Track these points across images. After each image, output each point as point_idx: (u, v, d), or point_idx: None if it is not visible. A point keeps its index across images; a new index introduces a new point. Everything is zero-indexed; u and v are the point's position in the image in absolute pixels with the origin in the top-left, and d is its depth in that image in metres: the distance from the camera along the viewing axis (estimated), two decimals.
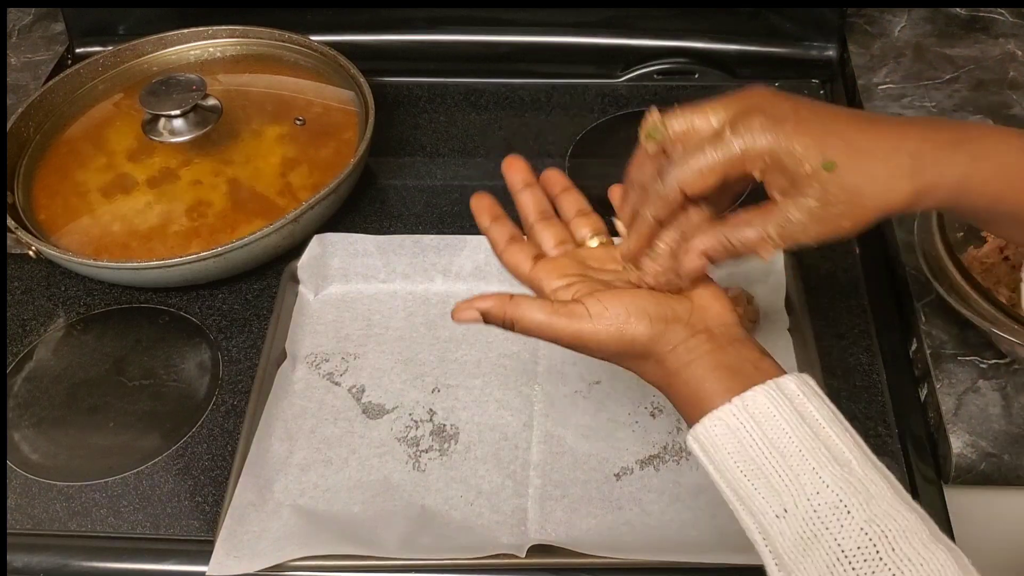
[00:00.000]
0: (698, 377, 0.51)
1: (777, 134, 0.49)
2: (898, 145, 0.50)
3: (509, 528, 0.66)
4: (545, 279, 0.57)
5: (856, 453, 0.48)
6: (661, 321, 0.53)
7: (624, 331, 0.52)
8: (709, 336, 0.53)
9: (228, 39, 1.01)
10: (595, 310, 0.53)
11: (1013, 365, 0.73)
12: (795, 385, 0.50)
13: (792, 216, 0.50)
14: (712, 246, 0.52)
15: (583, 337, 0.53)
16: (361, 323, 0.80)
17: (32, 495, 0.70)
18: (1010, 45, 1.02)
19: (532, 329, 0.54)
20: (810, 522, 0.46)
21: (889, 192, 0.49)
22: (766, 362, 0.52)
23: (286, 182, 0.87)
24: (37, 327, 0.82)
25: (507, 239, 0.60)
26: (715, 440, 0.49)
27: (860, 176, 0.49)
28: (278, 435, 0.72)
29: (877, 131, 0.50)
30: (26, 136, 0.92)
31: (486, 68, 1.04)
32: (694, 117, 0.52)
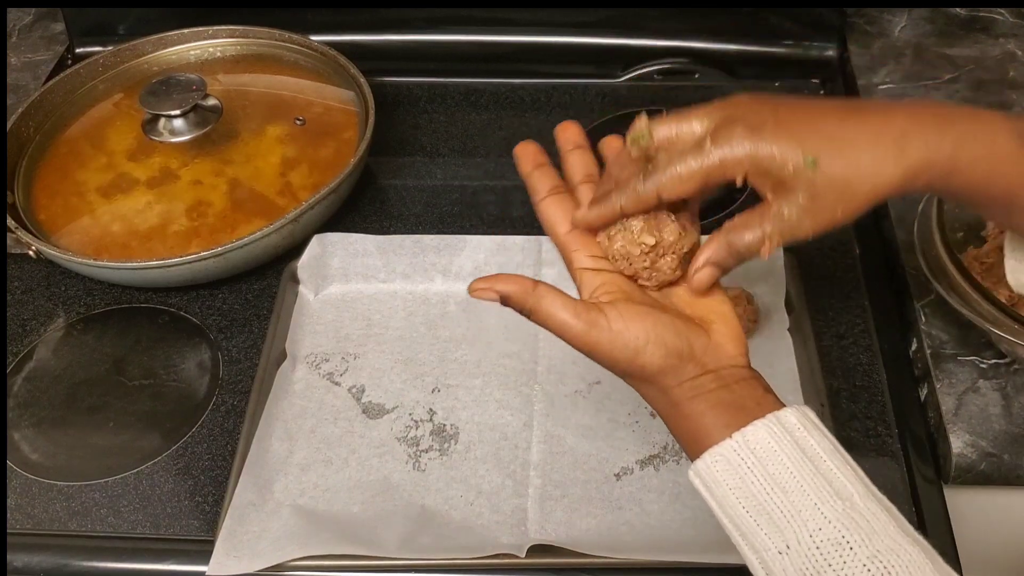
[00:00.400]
0: (699, 412, 0.51)
1: (756, 141, 0.50)
2: (881, 130, 0.50)
3: (509, 528, 0.66)
4: (577, 251, 0.56)
5: (858, 487, 0.47)
6: (676, 356, 0.52)
7: (638, 356, 0.52)
8: (716, 376, 0.52)
9: (228, 39, 1.01)
10: (616, 326, 0.52)
11: (1013, 365, 0.73)
12: (795, 419, 0.49)
13: (785, 213, 0.51)
14: (716, 253, 0.53)
15: (597, 348, 0.52)
16: (361, 323, 0.80)
17: (32, 495, 0.70)
18: (1010, 45, 1.02)
19: (549, 324, 0.53)
20: (812, 559, 0.46)
21: (876, 178, 0.50)
22: (768, 398, 0.52)
23: (286, 182, 0.87)
24: (37, 327, 0.82)
25: (548, 188, 0.57)
26: (716, 476, 0.49)
27: (844, 167, 0.49)
28: (278, 435, 0.72)
29: (860, 119, 0.51)
30: (26, 136, 0.92)
31: (486, 68, 1.04)
32: (680, 124, 0.53)
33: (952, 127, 0.51)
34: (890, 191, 0.50)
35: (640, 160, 0.54)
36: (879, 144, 0.50)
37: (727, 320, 0.55)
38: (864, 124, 0.50)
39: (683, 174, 0.51)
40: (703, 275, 0.54)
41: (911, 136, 0.50)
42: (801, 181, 0.50)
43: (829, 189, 0.50)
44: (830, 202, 0.50)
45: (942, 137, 0.50)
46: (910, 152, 0.50)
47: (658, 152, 0.53)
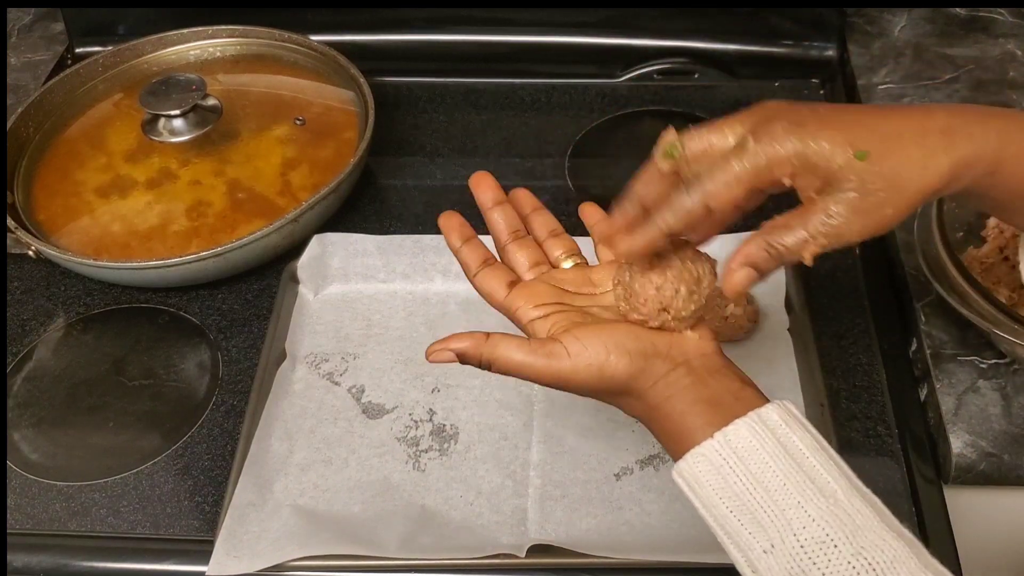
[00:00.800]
0: (679, 412, 0.51)
1: (802, 135, 0.48)
2: (926, 125, 0.48)
3: (509, 528, 0.66)
4: (521, 307, 0.56)
5: (841, 483, 0.47)
6: (641, 357, 0.52)
7: (604, 370, 0.52)
8: (689, 369, 0.52)
9: (228, 39, 1.01)
10: (574, 349, 0.52)
11: (1013, 365, 0.73)
12: (777, 415, 0.49)
13: (832, 211, 0.48)
14: (755, 253, 0.50)
15: (563, 377, 0.52)
16: (361, 323, 0.80)
17: (32, 495, 0.70)
18: (1010, 45, 1.02)
19: (510, 370, 0.53)
20: (797, 558, 0.46)
21: (926, 171, 0.48)
22: (747, 391, 0.52)
23: (286, 182, 0.87)
24: (37, 327, 0.82)
25: (480, 262, 0.59)
26: (699, 477, 0.49)
27: (895, 160, 0.47)
28: (278, 435, 0.72)
29: (902, 116, 0.49)
30: (26, 136, 0.92)
31: (486, 68, 1.04)
32: (710, 135, 0.51)
33: (994, 121, 0.49)
34: (939, 186, 0.48)
35: (670, 177, 0.51)
36: (927, 137, 0.48)
37: None
38: (908, 119, 0.49)
39: (730, 179, 0.48)
40: (739, 276, 0.50)
41: (956, 130, 0.48)
42: (851, 175, 0.47)
43: (879, 184, 0.47)
44: (880, 199, 0.48)
45: (986, 129, 0.49)
46: (958, 144, 0.48)
47: (690, 166, 0.50)
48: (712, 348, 0.54)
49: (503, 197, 0.61)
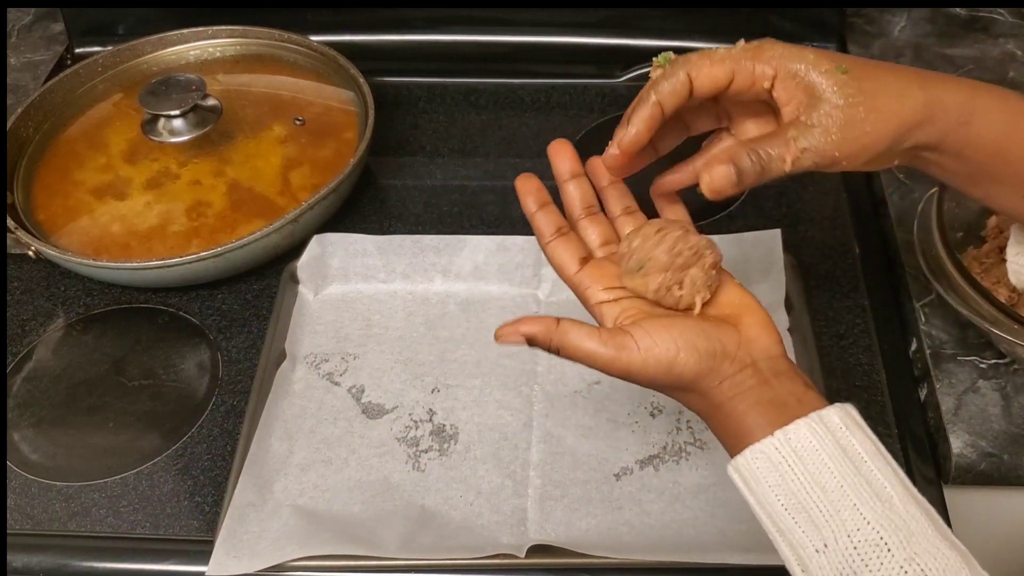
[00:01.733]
0: (741, 411, 0.51)
1: (788, 47, 0.52)
2: (902, 70, 0.53)
3: (509, 528, 0.66)
4: (591, 288, 0.56)
5: (898, 488, 0.48)
6: (709, 357, 0.52)
7: (673, 367, 0.52)
8: (755, 371, 0.52)
9: (228, 39, 1.01)
10: (644, 343, 0.52)
11: (1013, 365, 0.73)
12: (838, 417, 0.49)
13: (815, 120, 0.50)
14: (739, 156, 0.52)
15: (631, 370, 0.52)
16: (361, 323, 0.80)
17: (32, 495, 0.70)
18: (1010, 45, 1.02)
19: (579, 357, 0.54)
20: (850, 559, 0.46)
21: (904, 99, 0.51)
22: (809, 394, 0.52)
23: (286, 182, 0.87)
24: (37, 327, 0.82)
25: (553, 230, 0.58)
26: (756, 473, 0.49)
27: (874, 82, 0.51)
28: (278, 435, 0.72)
29: (880, 62, 0.53)
30: (26, 136, 0.92)
31: (486, 68, 1.04)
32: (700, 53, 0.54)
33: (965, 82, 0.53)
34: (916, 118, 0.51)
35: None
36: (903, 72, 0.52)
37: (754, 312, 0.55)
38: (885, 64, 0.53)
39: (715, 58, 0.52)
40: (720, 171, 0.52)
41: (929, 78, 0.53)
42: (834, 84, 0.50)
43: (860, 99, 0.50)
44: (860, 115, 0.50)
45: (959, 84, 0.53)
46: (931, 85, 0.52)
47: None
48: (779, 350, 0.54)
49: (580, 169, 0.60)
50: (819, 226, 0.87)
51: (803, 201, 0.90)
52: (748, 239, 0.81)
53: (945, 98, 0.52)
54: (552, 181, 0.74)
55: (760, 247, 0.80)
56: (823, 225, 0.87)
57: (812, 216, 0.88)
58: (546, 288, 0.81)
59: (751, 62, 0.52)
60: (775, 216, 0.87)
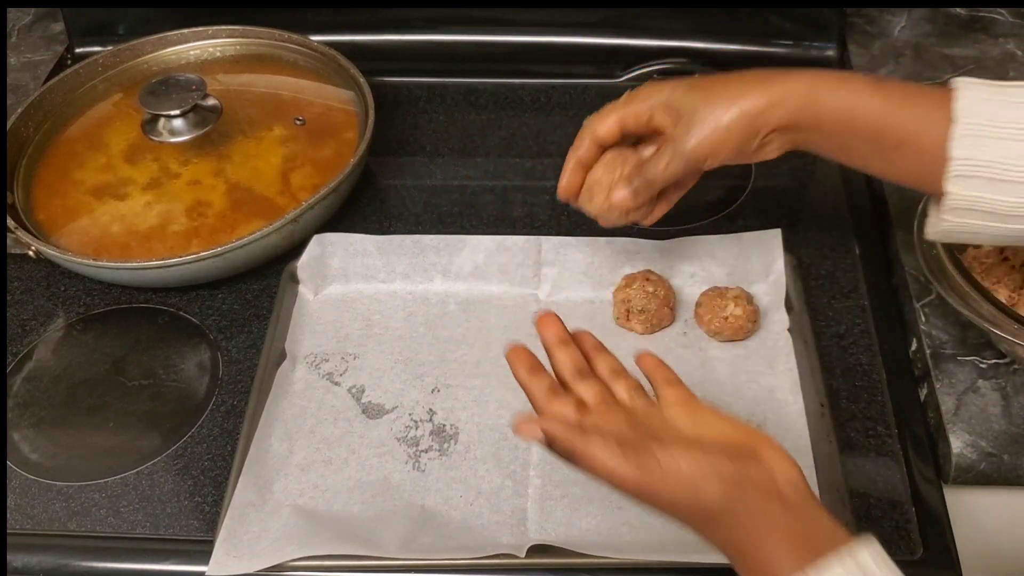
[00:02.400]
0: (768, 545, 0.50)
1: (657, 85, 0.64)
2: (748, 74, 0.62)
3: (509, 528, 0.66)
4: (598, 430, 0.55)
5: None
6: (735, 485, 0.51)
7: (698, 493, 0.50)
8: (782, 501, 0.51)
9: (228, 39, 1.01)
10: (667, 465, 0.51)
11: (1013, 365, 0.73)
12: (869, 556, 0.48)
13: (678, 134, 0.62)
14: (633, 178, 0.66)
15: (653, 491, 0.51)
16: (361, 323, 0.80)
17: (32, 495, 0.70)
18: (1010, 45, 1.02)
19: (598, 470, 0.52)
20: None
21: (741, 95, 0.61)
22: (838, 530, 0.50)
23: (286, 182, 0.87)
24: (37, 327, 0.82)
25: (546, 391, 0.58)
26: None
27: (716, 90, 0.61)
28: (278, 435, 0.72)
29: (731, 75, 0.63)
30: (26, 136, 0.92)
31: (486, 68, 1.04)
32: None
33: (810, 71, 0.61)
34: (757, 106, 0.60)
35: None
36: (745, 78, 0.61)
37: (767, 440, 0.54)
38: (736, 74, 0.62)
39: (604, 113, 0.66)
40: (621, 195, 0.66)
41: (773, 74, 0.61)
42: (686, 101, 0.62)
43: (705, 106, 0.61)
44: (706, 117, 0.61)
45: (802, 73, 0.61)
46: (772, 80, 0.61)
47: None
48: (799, 477, 0.53)
49: (567, 336, 0.62)
50: (819, 226, 0.87)
51: (803, 201, 0.90)
52: (748, 239, 0.81)
53: (786, 85, 0.60)
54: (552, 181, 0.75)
55: (760, 247, 0.80)
56: (823, 225, 0.87)
57: (812, 216, 0.88)
58: (546, 288, 0.81)
59: (631, 107, 0.65)
60: (775, 216, 0.87)
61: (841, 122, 0.60)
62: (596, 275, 0.81)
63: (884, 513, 0.67)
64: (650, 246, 0.81)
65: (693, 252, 0.81)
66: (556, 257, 0.82)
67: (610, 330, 0.78)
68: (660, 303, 0.77)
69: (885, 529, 0.66)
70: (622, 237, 0.82)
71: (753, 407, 0.73)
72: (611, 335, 0.78)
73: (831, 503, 0.66)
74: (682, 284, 0.81)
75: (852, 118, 0.59)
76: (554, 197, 0.72)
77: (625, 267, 0.81)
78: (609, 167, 0.69)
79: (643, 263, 0.81)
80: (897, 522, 0.66)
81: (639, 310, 0.77)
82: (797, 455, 0.69)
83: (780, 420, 0.72)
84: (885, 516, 0.67)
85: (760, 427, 0.71)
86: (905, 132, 0.58)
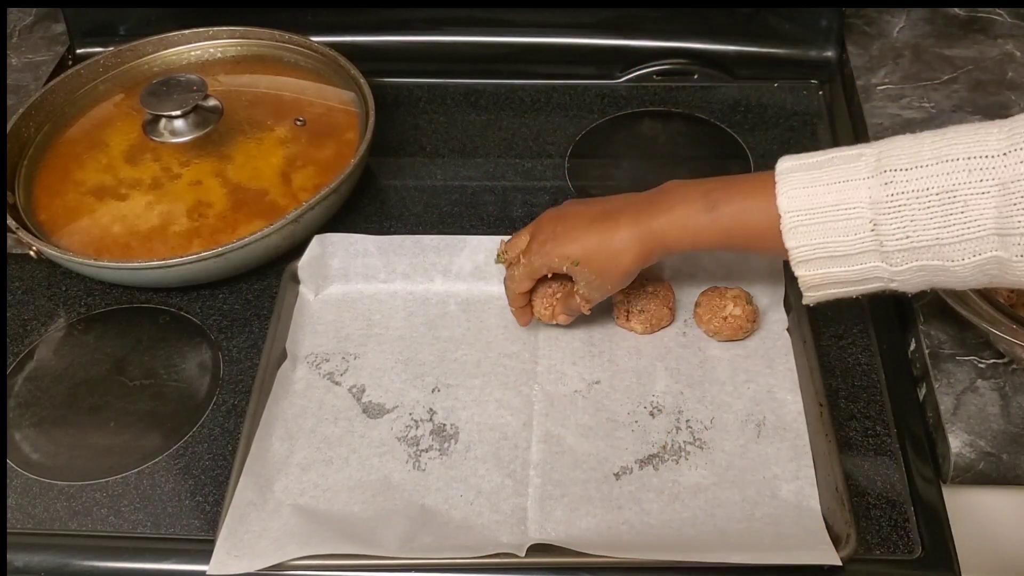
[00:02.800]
0: None
1: (542, 256, 0.71)
2: (613, 234, 0.69)
3: (509, 527, 0.67)
4: None
5: None
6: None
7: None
8: None
9: (228, 40, 1.01)
10: None
11: (1011, 365, 0.73)
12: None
13: (580, 288, 0.72)
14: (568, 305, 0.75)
15: None
16: (361, 323, 0.80)
17: (33, 494, 0.70)
18: (1008, 46, 1.02)
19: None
20: None
21: (619, 264, 0.69)
22: None
23: (287, 182, 0.88)
24: (38, 327, 0.82)
25: None
26: None
27: (597, 262, 0.70)
28: (278, 435, 0.73)
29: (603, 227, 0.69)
30: (27, 136, 0.92)
31: (486, 68, 1.05)
32: (517, 241, 0.74)
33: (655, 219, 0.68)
34: (635, 266, 0.69)
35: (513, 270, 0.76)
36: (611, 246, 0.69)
37: None
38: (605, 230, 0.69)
39: (517, 282, 0.74)
40: (561, 318, 0.77)
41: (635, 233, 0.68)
42: (575, 273, 0.71)
43: (592, 275, 0.70)
44: (598, 283, 0.71)
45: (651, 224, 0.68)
46: (631, 246, 0.68)
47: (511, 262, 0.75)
48: None
49: None
50: None
51: None
52: None
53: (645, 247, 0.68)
54: (552, 181, 0.75)
55: None
56: None
57: None
58: None
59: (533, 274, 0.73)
60: None
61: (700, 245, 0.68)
62: None
63: (883, 512, 0.67)
64: None
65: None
66: None
67: (610, 330, 0.79)
68: (659, 303, 0.77)
69: (884, 528, 0.66)
70: None
71: (752, 407, 0.73)
72: (611, 335, 0.78)
73: (830, 502, 0.66)
74: (682, 284, 0.81)
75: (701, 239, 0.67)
76: (554, 197, 0.73)
77: None
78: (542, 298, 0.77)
79: None
80: (896, 521, 0.67)
81: (639, 310, 0.77)
82: (796, 455, 0.70)
83: (779, 420, 0.72)
84: (884, 515, 0.67)
85: (760, 426, 0.72)
86: (747, 243, 0.66)
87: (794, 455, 0.70)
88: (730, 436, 0.71)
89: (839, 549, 0.62)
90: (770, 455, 0.70)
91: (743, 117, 0.99)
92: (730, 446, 0.71)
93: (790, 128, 0.99)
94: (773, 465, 0.69)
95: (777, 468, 0.69)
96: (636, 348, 0.78)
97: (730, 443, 0.71)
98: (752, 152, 0.95)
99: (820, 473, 0.68)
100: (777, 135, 0.98)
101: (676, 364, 0.76)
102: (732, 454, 0.70)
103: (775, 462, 0.69)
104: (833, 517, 0.65)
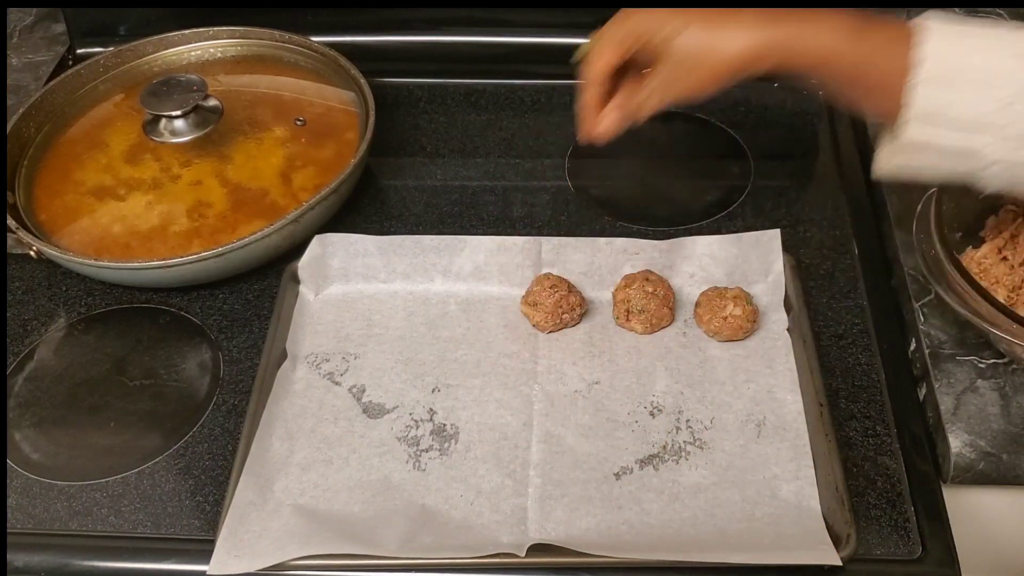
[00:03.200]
0: None
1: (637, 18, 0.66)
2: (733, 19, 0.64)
3: (509, 527, 0.67)
4: None
5: None
6: None
7: None
8: None
9: (229, 40, 1.01)
10: None
11: (1011, 365, 0.73)
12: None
13: (654, 82, 0.66)
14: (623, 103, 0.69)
15: None
16: (361, 323, 0.81)
17: (33, 495, 0.70)
18: None
19: None
20: None
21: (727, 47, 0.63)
22: None
23: (287, 182, 0.88)
24: (38, 327, 0.82)
25: None
26: None
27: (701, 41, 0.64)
28: (278, 435, 0.73)
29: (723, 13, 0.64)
30: (27, 136, 0.92)
31: (486, 68, 1.05)
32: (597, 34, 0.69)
33: (795, 16, 0.63)
34: (740, 60, 0.63)
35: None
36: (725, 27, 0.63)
37: None
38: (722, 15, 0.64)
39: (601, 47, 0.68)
40: (611, 118, 0.70)
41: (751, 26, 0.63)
42: (665, 52, 0.64)
43: (685, 59, 0.64)
44: (684, 72, 0.65)
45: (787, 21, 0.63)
46: (748, 36, 0.63)
47: None
48: None
49: None
50: (819, 226, 0.87)
51: (803, 201, 0.90)
52: (748, 239, 0.81)
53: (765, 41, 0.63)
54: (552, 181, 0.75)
55: (760, 247, 0.80)
56: (823, 225, 0.87)
57: (812, 216, 0.88)
58: None
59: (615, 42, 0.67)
60: (775, 216, 0.88)
61: (822, 68, 0.63)
62: (596, 275, 0.81)
63: (883, 512, 0.67)
64: (650, 246, 0.82)
65: (693, 252, 0.81)
66: (556, 257, 0.82)
67: (610, 330, 0.79)
68: (660, 303, 0.77)
69: (884, 528, 0.66)
70: (622, 237, 0.82)
71: (752, 407, 0.73)
72: (611, 335, 0.78)
73: (830, 502, 0.66)
74: (682, 284, 0.81)
75: (830, 64, 0.63)
76: (554, 197, 0.73)
77: (625, 267, 0.81)
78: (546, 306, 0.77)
79: (643, 263, 0.81)
80: (896, 521, 0.67)
81: (639, 310, 0.77)
82: (796, 455, 0.70)
83: (779, 420, 0.72)
84: (884, 515, 0.67)
85: (760, 426, 0.72)
86: (878, 78, 0.61)
87: (794, 455, 0.70)
88: (730, 436, 0.71)
89: (839, 549, 0.62)
90: (770, 455, 0.70)
91: (743, 117, 0.99)
92: (730, 446, 0.71)
93: (790, 128, 0.99)
94: (773, 465, 0.69)
95: (777, 468, 0.69)
96: (636, 348, 0.78)
97: (730, 443, 0.71)
98: (752, 152, 0.95)
99: (820, 473, 0.68)
100: (777, 135, 0.98)
101: (676, 364, 0.76)
102: (732, 454, 0.70)
103: (775, 462, 0.69)
104: (833, 517, 0.65)
